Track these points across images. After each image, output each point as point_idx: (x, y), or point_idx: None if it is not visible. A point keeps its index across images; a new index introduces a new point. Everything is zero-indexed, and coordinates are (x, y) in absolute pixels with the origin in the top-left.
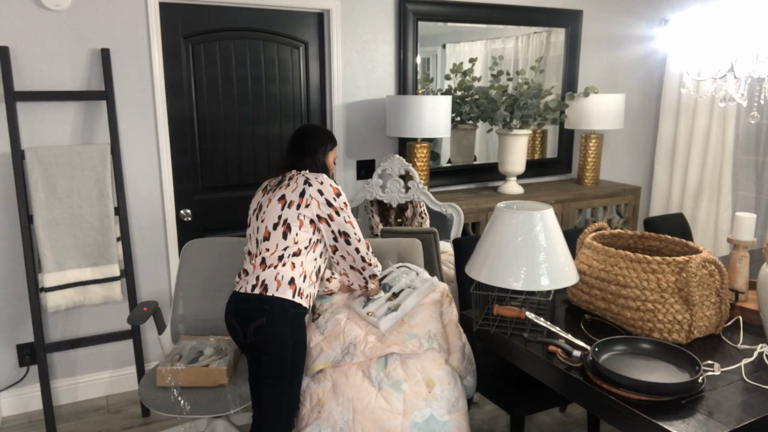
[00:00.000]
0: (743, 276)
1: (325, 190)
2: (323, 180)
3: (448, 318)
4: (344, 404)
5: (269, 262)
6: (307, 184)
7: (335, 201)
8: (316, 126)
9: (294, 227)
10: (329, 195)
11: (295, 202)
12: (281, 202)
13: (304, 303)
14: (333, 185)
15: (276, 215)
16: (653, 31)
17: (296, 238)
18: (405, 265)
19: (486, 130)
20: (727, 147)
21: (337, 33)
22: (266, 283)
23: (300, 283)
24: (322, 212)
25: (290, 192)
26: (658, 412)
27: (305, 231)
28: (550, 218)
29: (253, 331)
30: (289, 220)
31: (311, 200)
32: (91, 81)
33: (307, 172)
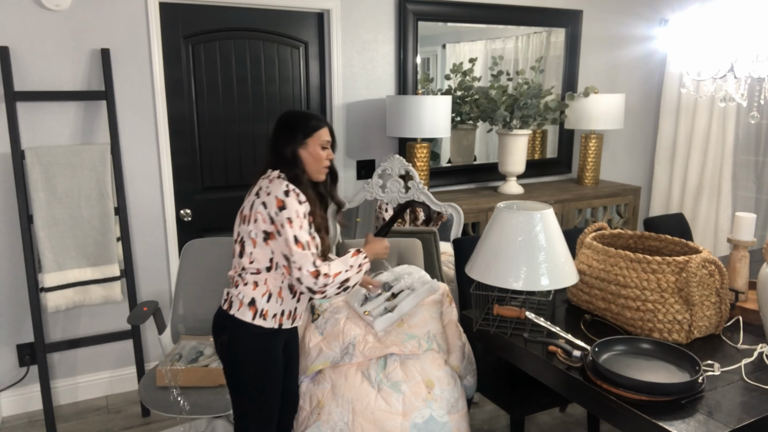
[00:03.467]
0: (743, 276)
1: (269, 203)
2: (272, 190)
3: (448, 318)
4: (344, 405)
5: (234, 280)
6: (256, 195)
7: (277, 216)
8: (289, 111)
9: (248, 246)
10: (272, 209)
11: (247, 217)
12: (240, 215)
13: (269, 324)
14: (279, 196)
15: (235, 231)
16: (653, 31)
17: (252, 257)
18: (407, 267)
19: (486, 130)
20: (727, 147)
21: (337, 33)
22: (231, 300)
23: (263, 303)
24: (268, 229)
25: (246, 204)
26: (658, 412)
27: (261, 249)
28: (550, 218)
29: (218, 346)
30: (243, 238)
31: (257, 215)
32: (91, 81)
33: (271, 175)
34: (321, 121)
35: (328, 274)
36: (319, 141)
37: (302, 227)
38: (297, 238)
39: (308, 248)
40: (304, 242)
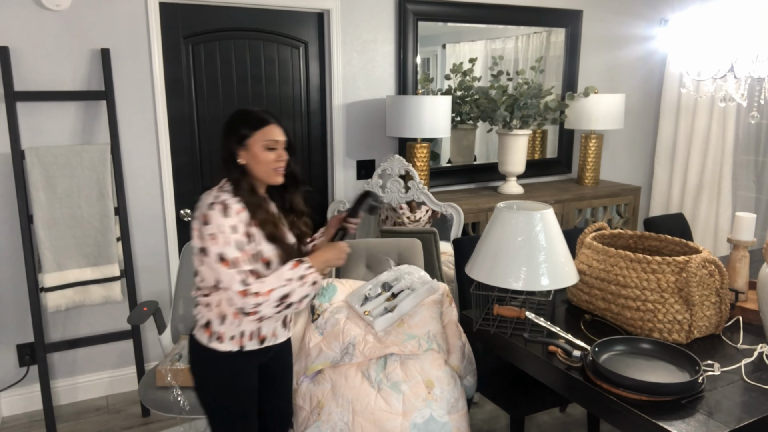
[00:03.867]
0: (743, 276)
1: (197, 217)
2: (201, 202)
3: (448, 318)
4: (344, 405)
5: (195, 300)
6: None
7: (202, 232)
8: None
9: (196, 263)
10: (199, 224)
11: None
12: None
13: (227, 347)
14: (203, 210)
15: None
16: (653, 31)
17: (201, 276)
18: (407, 267)
19: (486, 130)
20: (727, 147)
21: (337, 33)
22: (195, 321)
23: (217, 325)
24: (201, 245)
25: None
26: (658, 412)
27: (205, 267)
28: (550, 218)
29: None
30: (193, 255)
31: (193, 231)
32: (91, 81)
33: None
34: (265, 119)
35: (259, 292)
36: (262, 141)
37: (229, 243)
38: (222, 256)
39: (235, 266)
40: (231, 259)
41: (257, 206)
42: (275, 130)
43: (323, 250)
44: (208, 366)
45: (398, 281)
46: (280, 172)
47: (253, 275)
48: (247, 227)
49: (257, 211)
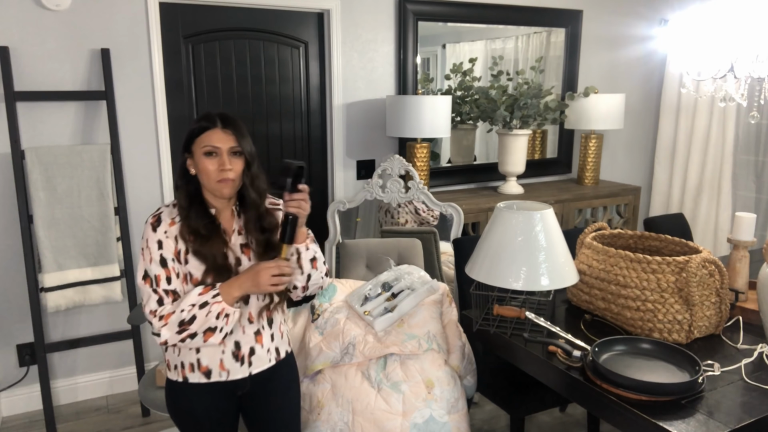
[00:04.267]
0: (743, 276)
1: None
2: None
3: (448, 318)
4: (344, 405)
5: None
6: None
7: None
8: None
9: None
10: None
11: None
12: None
13: (172, 376)
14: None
15: None
16: (653, 31)
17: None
18: (407, 267)
19: (486, 130)
20: (727, 147)
21: (337, 33)
22: None
23: (170, 353)
24: None
25: None
26: (658, 412)
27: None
28: (550, 218)
29: None
30: None
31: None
32: (91, 81)
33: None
34: (204, 124)
35: (162, 315)
36: (200, 146)
37: (152, 260)
38: (145, 272)
39: (155, 284)
40: (151, 276)
41: (188, 217)
42: (215, 135)
43: (242, 274)
44: (169, 396)
45: (398, 281)
46: (225, 183)
47: (172, 297)
48: (180, 242)
49: (189, 223)
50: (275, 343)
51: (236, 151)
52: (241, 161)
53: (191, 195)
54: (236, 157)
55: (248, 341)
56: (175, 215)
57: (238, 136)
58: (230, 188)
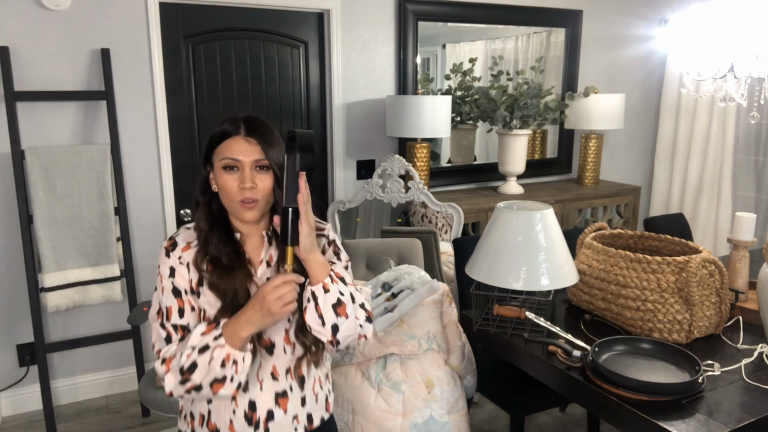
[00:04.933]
0: (743, 276)
1: None
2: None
3: (448, 318)
4: (344, 405)
5: None
6: None
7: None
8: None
9: None
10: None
11: None
12: None
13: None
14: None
15: None
16: (653, 31)
17: None
18: (407, 267)
19: (486, 130)
20: (727, 147)
21: (337, 33)
22: None
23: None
24: None
25: None
26: (658, 412)
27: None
28: (550, 218)
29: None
30: None
31: None
32: (91, 81)
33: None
34: (226, 129)
35: (166, 357)
36: (219, 159)
37: (164, 289)
38: (159, 306)
39: (164, 318)
40: (164, 309)
41: (207, 242)
42: (237, 144)
43: (247, 305)
44: None
45: (398, 281)
46: (247, 204)
47: (182, 334)
48: (196, 270)
49: (208, 249)
50: (307, 409)
51: (263, 165)
52: (269, 177)
53: (213, 215)
54: (263, 171)
55: (266, 402)
56: (192, 239)
57: (265, 145)
58: (254, 211)
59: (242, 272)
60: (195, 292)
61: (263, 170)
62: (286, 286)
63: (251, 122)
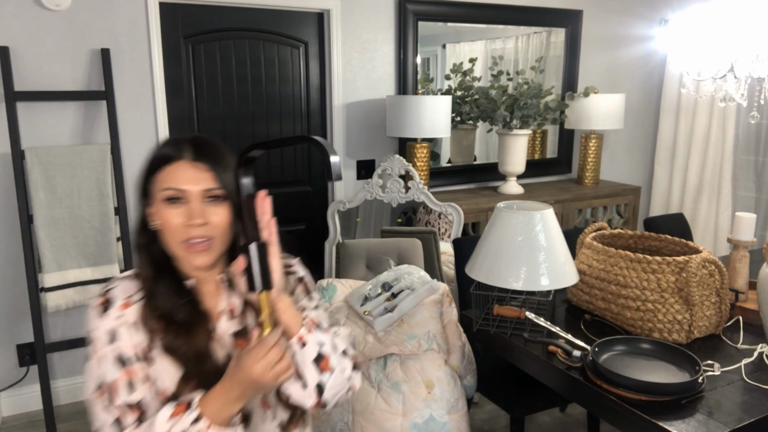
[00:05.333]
0: (743, 276)
1: None
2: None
3: (448, 318)
4: (344, 405)
5: None
6: None
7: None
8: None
9: None
10: None
11: None
12: None
13: None
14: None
15: None
16: (653, 31)
17: None
18: (407, 267)
19: (486, 130)
20: (727, 147)
21: (337, 33)
22: None
23: None
24: None
25: None
26: (658, 412)
27: None
28: (550, 218)
29: None
30: None
31: None
32: (91, 81)
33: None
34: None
35: None
36: (159, 190)
37: (104, 360)
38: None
39: (106, 398)
40: (107, 385)
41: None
42: (182, 171)
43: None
44: None
45: (398, 281)
46: (197, 246)
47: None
48: (144, 331)
49: (156, 303)
50: None
51: (215, 195)
52: (225, 209)
53: (158, 260)
54: (216, 203)
55: None
56: (131, 292)
57: (217, 170)
58: (207, 254)
59: (202, 329)
60: (145, 359)
61: (216, 201)
62: (274, 352)
63: (199, 143)
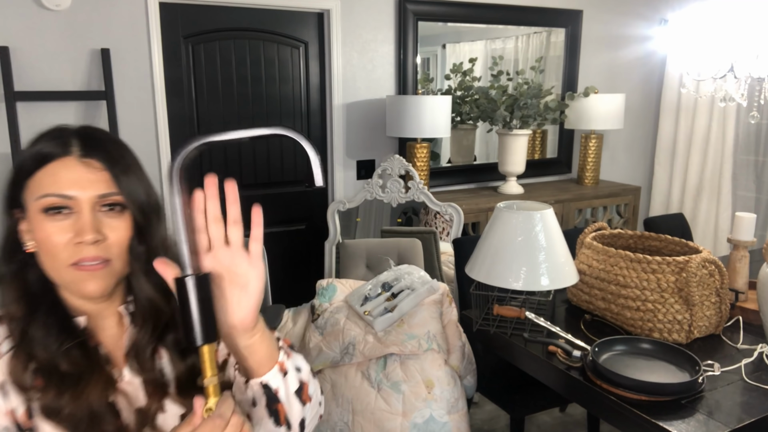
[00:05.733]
0: (743, 276)
1: None
2: None
3: (448, 318)
4: (344, 405)
5: None
6: None
7: None
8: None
9: None
10: None
11: None
12: None
13: None
14: None
15: None
16: (653, 31)
17: None
18: (407, 267)
19: (486, 130)
20: (727, 147)
21: (337, 33)
22: None
23: None
24: None
25: None
26: (658, 412)
27: None
28: (550, 218)
29: None
30: None
31: None
32: (91, 81)
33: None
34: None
35: None
36: (35, 198)
37: None
38: None
39: None
40: None
41: (26, 338)
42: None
43: None
44: None
45: (398, 281)
46: (89, 268)
47: None
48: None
49: (31, 350)
50: None
51: (113, 203)
52: (126, 222)
53: (33, 293)
54: (114, 213)
55: None
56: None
57: (116, 170)
58: (102, 280)
59: (99, 380)
60: (23, 430)
61: (115, 211)
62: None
63: (90, 135)
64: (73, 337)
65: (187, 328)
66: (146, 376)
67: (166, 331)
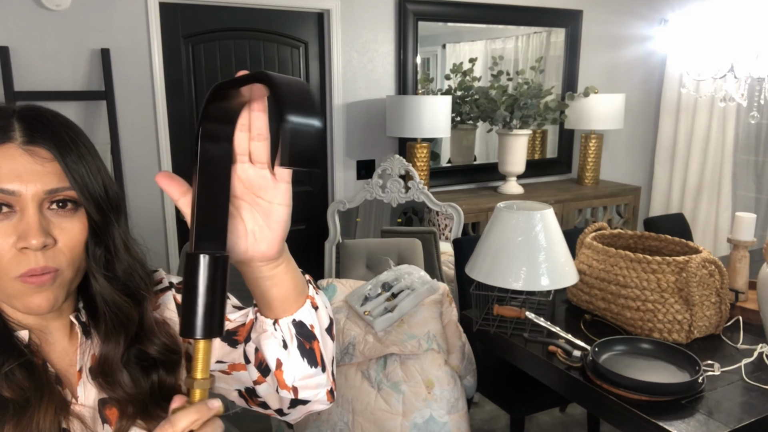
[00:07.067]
0: (743, 276)
1: None
2: None
3: (448, 318)
4: (343, 405)
5: None
6: None
7: None
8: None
9: None
10: None
11: None
12: None
13: None
14: None
15: None
16: (653, 31)
17: None
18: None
19: (486, 130)
20: (727, 147)
21: (337, 33)
22: None
23: None
24: None
25: None
26: (658, 412)
27: None
28: (550, 218)
29: None
30: None
31: None
32: (91, 81)
33: None
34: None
35: None
36: None
37: None
38: None
39: None
40: None
41: None
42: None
43: None
44: None
45: (398, 281)
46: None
47: None
48: None
49: None
50: None
51: (66, 199)
52: (80, 221)
53: None
54: (65, 213)
55: None
56: None
57: (67, 160)
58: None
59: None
60: None
61: (66, 209)
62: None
63: (35, 117)
64: (15, 356)
65: (187, 315)
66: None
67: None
